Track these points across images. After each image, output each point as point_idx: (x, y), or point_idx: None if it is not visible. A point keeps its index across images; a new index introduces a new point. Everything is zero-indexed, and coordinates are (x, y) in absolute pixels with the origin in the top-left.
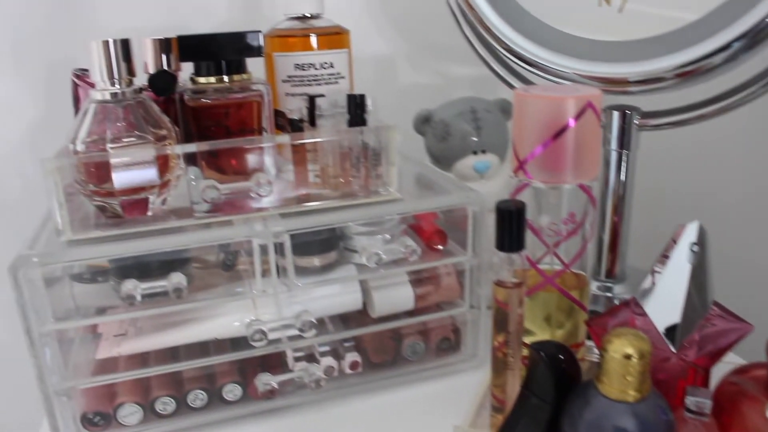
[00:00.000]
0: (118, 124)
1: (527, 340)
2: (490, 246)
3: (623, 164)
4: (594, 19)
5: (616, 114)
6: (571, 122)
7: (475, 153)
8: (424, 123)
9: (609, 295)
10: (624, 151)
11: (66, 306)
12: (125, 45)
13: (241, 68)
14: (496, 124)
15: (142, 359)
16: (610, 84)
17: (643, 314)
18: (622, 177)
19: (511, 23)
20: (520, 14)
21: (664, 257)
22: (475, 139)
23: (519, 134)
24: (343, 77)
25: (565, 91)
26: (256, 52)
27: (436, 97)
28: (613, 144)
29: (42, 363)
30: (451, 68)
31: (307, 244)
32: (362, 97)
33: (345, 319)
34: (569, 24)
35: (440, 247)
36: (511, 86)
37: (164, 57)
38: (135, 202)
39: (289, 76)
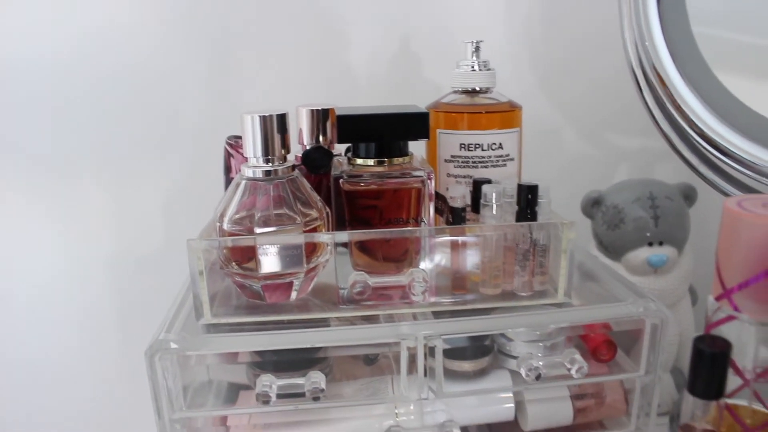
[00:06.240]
0: (268, 202)
1: None
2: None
3: None
4: None
5: None
6: None
7: (650, 245)
8: (593, 206)
9: None
10: None
11: (200, 379)
12: (282, 120)
13: (403, 151)
14: (676, 213)
15: None
16: None
17: None
18: None
19: (712, 108)
20: (723, 97)
21: None
22: (652, 229)
23: (727, 256)
24: (512, 159)
25: None
26: (422, 135)
27: (603, 172)
28: None
29: None
30: (623, 140)
31: (460, 348)
32: (534, 188)
33: (493, 430)
34: None
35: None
36: (700, 174)
37: (320, 128)
38: (278, 286)
39: (453, 156)
